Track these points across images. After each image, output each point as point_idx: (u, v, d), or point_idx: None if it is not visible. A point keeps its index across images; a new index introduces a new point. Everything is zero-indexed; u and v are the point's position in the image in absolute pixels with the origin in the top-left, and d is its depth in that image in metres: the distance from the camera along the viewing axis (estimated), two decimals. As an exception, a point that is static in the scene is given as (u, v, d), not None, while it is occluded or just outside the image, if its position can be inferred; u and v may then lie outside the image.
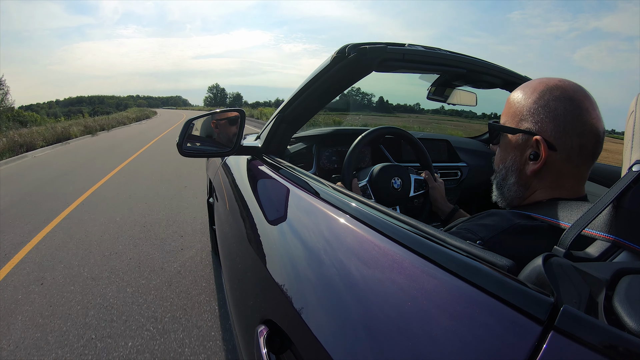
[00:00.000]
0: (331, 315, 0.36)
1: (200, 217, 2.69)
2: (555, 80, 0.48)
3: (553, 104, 0.45)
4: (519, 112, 0.49)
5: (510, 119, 0.51)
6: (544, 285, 0.24)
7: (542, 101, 0.46)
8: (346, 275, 0.38)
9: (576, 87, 0.46)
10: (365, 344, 0.30)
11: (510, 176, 0.51)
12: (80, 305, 1.55)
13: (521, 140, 0.49)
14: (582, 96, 0.45)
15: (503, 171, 0.52)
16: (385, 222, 0.39)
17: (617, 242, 0.31)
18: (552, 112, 0.45)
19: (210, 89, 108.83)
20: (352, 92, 29.99)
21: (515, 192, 0.51)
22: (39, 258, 2.02)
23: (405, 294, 0.30)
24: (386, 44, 0.67)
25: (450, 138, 1.46)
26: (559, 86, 0.46)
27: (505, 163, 0.52)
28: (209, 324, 1.43)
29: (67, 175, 4.26)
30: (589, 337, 0.19)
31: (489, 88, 0.95)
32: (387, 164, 0.96)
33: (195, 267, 1.90)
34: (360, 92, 30.69)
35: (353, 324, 0.33)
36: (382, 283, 0.33)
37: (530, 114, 0.47)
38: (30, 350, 1.26)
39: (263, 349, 0.43)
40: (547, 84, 0.47)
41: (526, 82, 0.52)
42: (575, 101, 0.45)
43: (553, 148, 0.45)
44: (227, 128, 0.92)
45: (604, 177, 0.87)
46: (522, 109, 0.49)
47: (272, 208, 0.66)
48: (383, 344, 0.28)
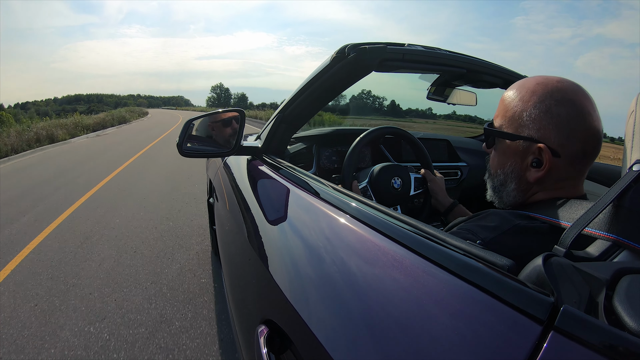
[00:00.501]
0: (331, 315, 0.36)
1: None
2: (553, 81, 0.46)
3: (555, 109, 0.44)
4: (517, 116, 0.47)
5: (507, 122, 0.49)
6: (544, 285, 0.24)
7: (543, 106, 0.45)
8: (346, 275, 0.38)
9: (576, 88, 0.45)
10: (365, 344, 0.30)
11: (509, 182, 0.50)
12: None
13: (522, 147, 0.47)
14: (583, 98, 0.44)
15: (502, 177, 0.51)
16: (385, 222, 0.39)
17: (617, 241, 0.31)
18: (555, 118, 0.44)
19: (213, 89, 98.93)
20: (363, 96, 29.34)
21: (515, 197, 0.50)
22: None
23: (405, 294, 0.30)
24: (386, 44, 0.67)
25: (450, 138, 1.46)
26: (560, 89, 0.45)
27: (504, 169, 0.50)
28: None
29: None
30: (589, 337, 0.19)
31: (489, 88, 0.95)
32: (386, 164, 0.96)
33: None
34: (371, 95, 29.92)
35: (353, 324, 0.33)
36: (382, 283, 0.33)
37: (532, 120, 0.45)
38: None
39: (263, 349, 0.43)
40: (546, 85, 0.46)
41: (521, 81, 0.49)
42: (577, 105, 0.44)
43: (557, 155, 0.44)
44: (227, 128, 0.92)
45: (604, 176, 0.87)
46: (521, 113, 0.47)
47: (272, 208, 0.66)
48: (383, 343, 0.28)
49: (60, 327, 1.40)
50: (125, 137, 9.94)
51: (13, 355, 1.24)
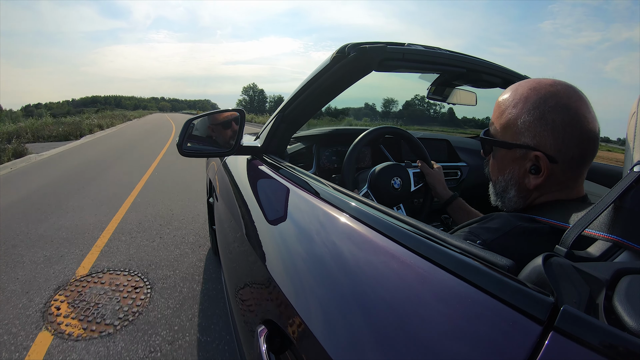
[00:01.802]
0: (331, 315, 0.36)
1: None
2: (546, 85, 0.46)
3: (550, 116, 0.44)
4: (512, 123, 0.47)
5: (502, 130, 0.49)
6: (544, 285, 0.24)
7: (537, 113, 0.45)
8: (346, 275, 0.38)
9: (569, 91, 0.45)
10: (365, 344, 0.30)
11: (510, 189, 0.50)
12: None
13: (519, 154, 0.47)
14: (577, 101, 0.44)
15: (502, 183, 0.51)
16: (385, 222, 0.39)
17: (618, 242, 0.31)
18: (550, 124, 0.44)
19: (245, 91, 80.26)
20: (416, 102, 27.11)
21: (516, 202, 0.50)
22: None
23: (405, 294, 0.30)
24: (386, 44, 0.66)
25: (450, 138, 1.46)
26: (553, 93, 0.44)
27: (504, 176, 0.51)
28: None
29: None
30: (589, 337, 0.18)
31: (489, 87, 0.95)
32: (384, 164, 0.96)
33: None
34: (425, 101, 27.54)
35: (353, 324, 0.32)
36: (382, 283, 0.33)
37: (526, 127, 0.45)
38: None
39: (263, 349, 0.43)
40: (538, 91, 0.45)
41: (514, 86, 0.49)
42: (572, 109, 0.43)
43: (554, 161, 0.44)
44: (227, 128, 0.92)
45: (605, 177, 0.87)
46: (516, 120, 0.47)
47: (272, 208, 0.66)
48: (383, 343, 0.28)
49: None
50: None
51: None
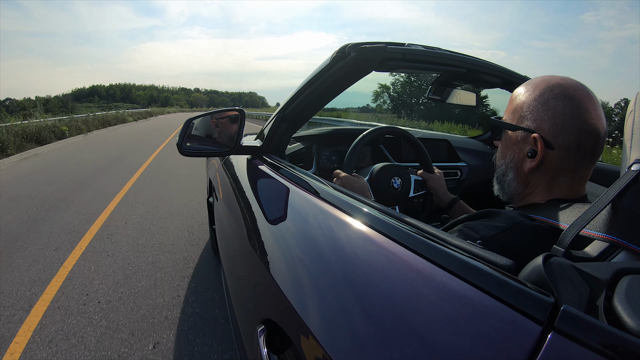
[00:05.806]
0: (331, 315, 0.36)
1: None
2: (557, 78, 0.48)
3: (552, 102, 0.46)
4: (519, 108, 0.50)
5: (511, 115, 0.51)
6: (544, 285, 0.24)
7: (542, 99, 0.47)
8: (346, 275, 0.38)
9: (578, 86, 0.46)
10: (365, 344, 0.30)
11: (509, 172, 0.52)
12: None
13: (520, 137, 0.49)
14: (583, 95, 0.45)
15: (503, 167, 0.53)
16: (385, 222, 0.39)
17: (615, 242, 0.31)
18: (551, 110, 0.46)
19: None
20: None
21: (515, 188, 0.52)
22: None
23: (405, 294, 0.30)
24: (386, 44, 0.67)
25: (450, 138, 1.46)
26: (560, 84, 0.46)
27: (505, 159, 0.53)
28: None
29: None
30: (589, 337, 0.18)
31: (489, 87, 0.95)
32: (387, 163, 0.96)
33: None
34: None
35: (353, 323, 0.33)
36: (382, 283, 0.33)
37: (530, 111, 0.48)
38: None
39: (263, 349, 0.43)
40: (548, 81, 0.48)
41: (530, 80, 0.52)
42: (575, 100, 0.45)
43: (550, 146, 0.46)
44: (227, 127, 0.92)
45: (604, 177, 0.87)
46: (522, 105, 0.49)
47: (272, 208, 0.66)
48: (383, 343, 0.28)
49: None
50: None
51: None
